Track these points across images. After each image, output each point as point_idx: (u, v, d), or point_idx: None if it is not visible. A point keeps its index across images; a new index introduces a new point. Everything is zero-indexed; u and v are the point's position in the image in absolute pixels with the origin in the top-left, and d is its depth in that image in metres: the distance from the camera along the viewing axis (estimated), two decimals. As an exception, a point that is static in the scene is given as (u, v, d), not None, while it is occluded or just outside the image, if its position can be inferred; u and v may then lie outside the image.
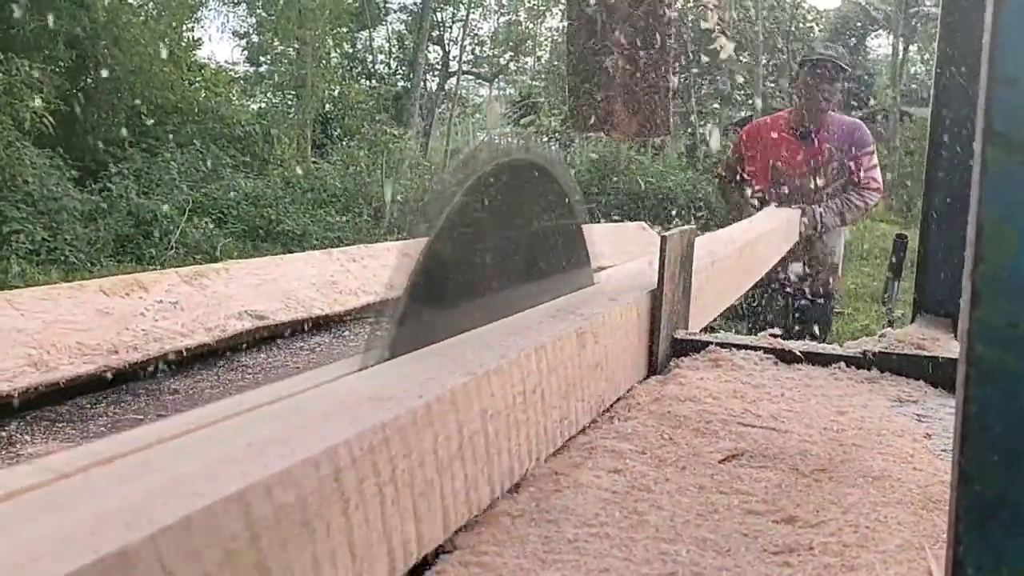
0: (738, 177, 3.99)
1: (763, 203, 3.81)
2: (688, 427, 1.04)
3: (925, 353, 1.30)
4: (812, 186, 3.77)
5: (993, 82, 0.36)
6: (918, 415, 1.15)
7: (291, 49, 16.66)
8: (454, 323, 0.89)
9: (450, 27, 22.35)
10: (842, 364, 1.33)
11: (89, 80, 12.07)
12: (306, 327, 1.46)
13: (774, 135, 3.86)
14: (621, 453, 0.94)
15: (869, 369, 1.31)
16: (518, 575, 0.67)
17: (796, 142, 3.82)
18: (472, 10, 22.18)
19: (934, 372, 1.26)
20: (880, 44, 23.13)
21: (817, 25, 20.93)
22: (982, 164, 0.38)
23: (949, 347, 1.32)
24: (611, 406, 1.13)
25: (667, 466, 0.92)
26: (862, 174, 3.73)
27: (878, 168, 3.78)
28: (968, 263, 0.41)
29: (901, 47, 18.17)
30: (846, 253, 4.21)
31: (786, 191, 3.80)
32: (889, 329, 1.40)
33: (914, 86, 22.20)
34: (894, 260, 1.66)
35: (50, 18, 10.90)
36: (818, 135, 3.81)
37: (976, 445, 0.42)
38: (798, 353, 1.35)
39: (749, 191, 3.89)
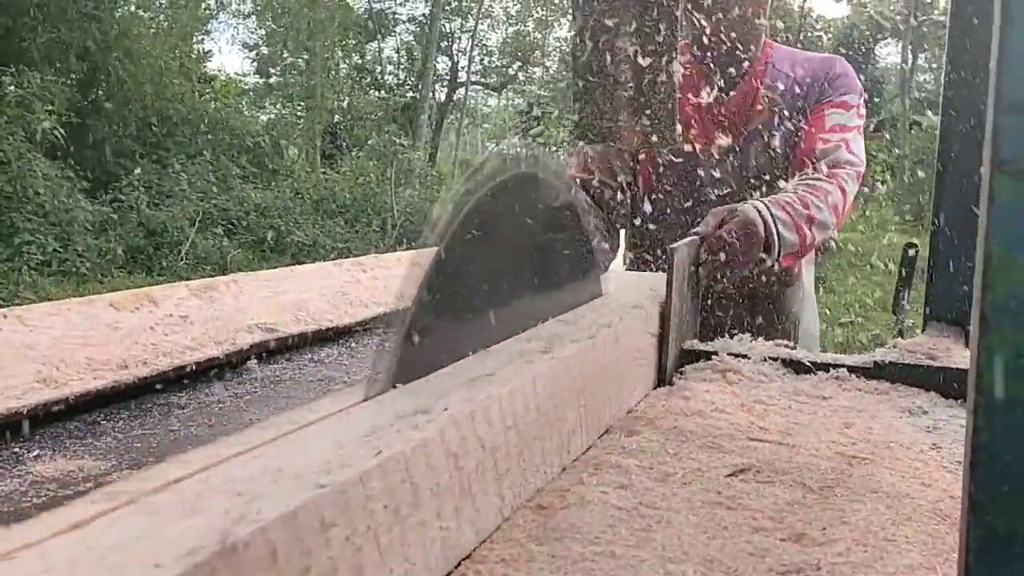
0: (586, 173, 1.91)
1: (628, 215, 2.00)
2: (695, 442, 1.03)
3: (936, 364, 1.29)
4: (729, 168, 1.94)
5: (1000, 109, 0.36)
6: (928, 427, 1.14)
7: (300, 60, 16.74)
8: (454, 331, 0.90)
9: (459, 38, 22.43)
10: (852, 375, 1.32)
11: (100, 92, 12.16)
12: (316, 339, 1.46)
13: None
14: (627, 469, 0.94)
15: (879, 380, 1.30)
16: (525, 594, 0.67)
17: (703, 83, 1.97)
18: (480, 21, 22.24)
19: (945, 383, 1.26)
20: (889, 52, 23.11)
21: (826, 34, 20.93)
22: (990, 193, 0.37)
23: (960, 357, 1.31)
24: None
25: (673, 482, 0.91)
26: (823, 139, 1.85)
27: (856, 135, 1.87)
28: (977, 292, 0.41)
29: (910, 56, 18.15)
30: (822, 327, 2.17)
31: (678, 183, 1.98)
32: (899, 339, 1.39)
33: (924, 95, 22.14)
34: (904, 270, 1.64)
35: (62, 31, 10.98)
36: (749, 75, 1.95)
37: (986, 475, 0.42)
38: (807, 363, 1.35)
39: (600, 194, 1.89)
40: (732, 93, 1.94)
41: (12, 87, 9.93)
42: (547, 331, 1.03)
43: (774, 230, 1.58)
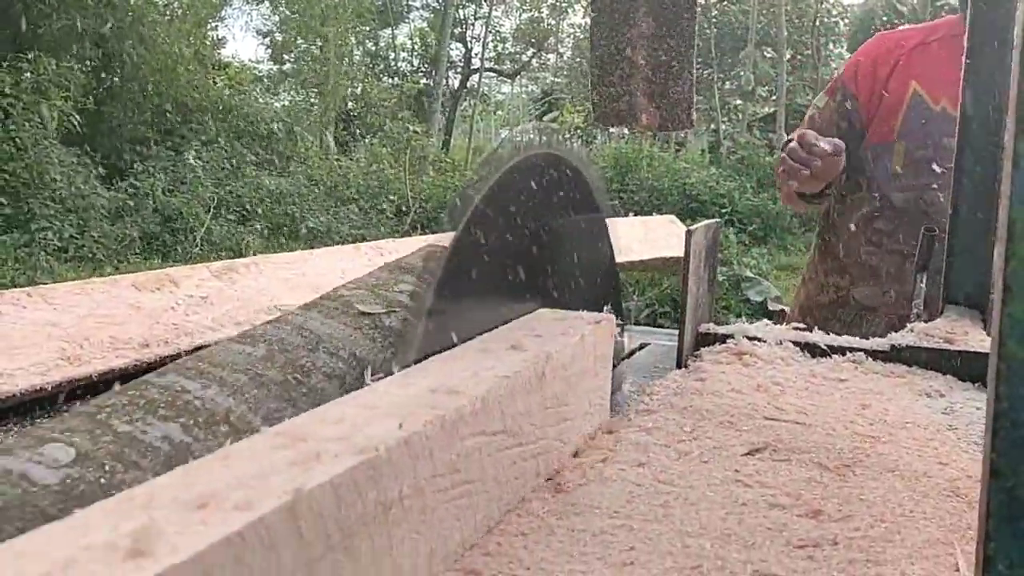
0: (841, 146, 1.85)
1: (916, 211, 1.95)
2: (712, 421, 1.04)
3: (953, 347, 1.29)
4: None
5: (1024, 74, 0.36)
6: (945, 409, 1.14)
7: (314, 47, 16.74)
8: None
9: (472, 24, 22.36)
10: (869, 358, 1.32)
11: (115, 79, 12.20)
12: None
13: (945, 51, 1.94)
14: (645, 447, 0.95)
15: (896, 363, 1.30)
16: (544, 567, 0.68)
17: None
18: (494, 7, 22.14)
19: (962, 366, 1.26)
20: (906, 38, 22.81)
21: (843, 20, 20.72)
22: (1014, 158, 0.38)
23: (977, 340, 1.31)
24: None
25: (691, 460, 0.92)
26: None
27: None
28: (999, 259, 0.41)
29: (927, 41, 17.95)
30: None
31: (929, 143, 1.93)
32: (917, 323, 1.39)
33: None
34: (922, 254, 1.63)
35: (77, 17, 11.02)
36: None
37: (1007, 441, 0.42)
38: (823, 347, 1.35)
39: (865, 180, 1.99)
40: None
41: (28, 73, 9.98)
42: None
43: None
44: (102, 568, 0.40)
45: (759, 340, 1.38)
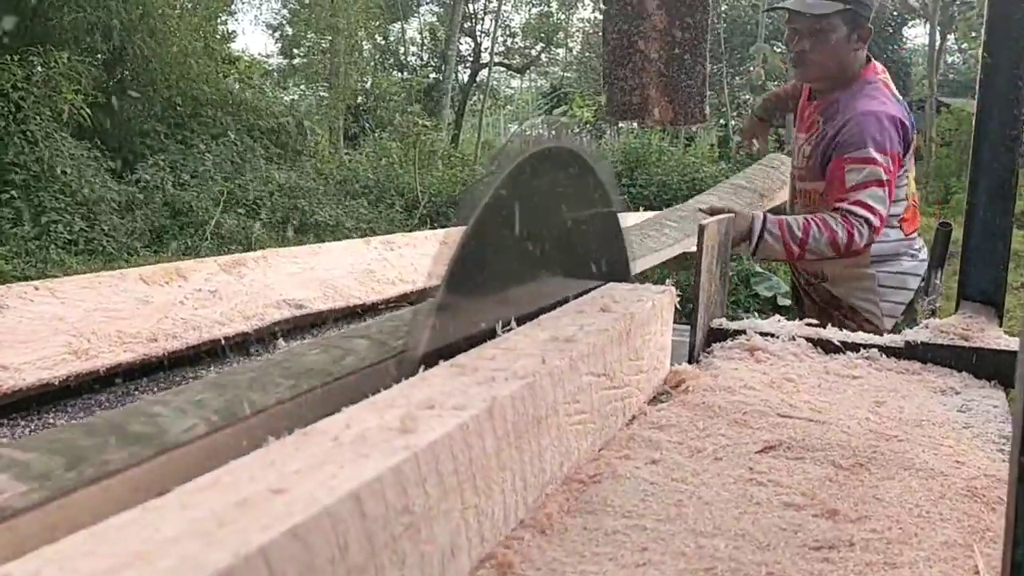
0: None
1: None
2: (724, 418, 1.03)
3: (968, 344, 1.27)
4: (794, 180, 2.49)
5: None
6: (960, 407, 1.12)
7: (324, 41, 16.71)
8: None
9: (482, 18, 22.29)
10: (883, 355, 1.30)
11: (126, 72, 12.20)
12: (344, 316, 1.46)
13: (803, 93, 2.58)
14: (658, 443, 0.94)
15: (911, 360, 1.29)
16: (555, 568, 0.67)
17: (804, 107, 2.50)
18: (504, 1, 22.07)
19: (978, 363, 1.24)
20: (917, 34, 22.74)
21: (853, 13, 20.49)
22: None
23: (993, 337, 1.29)
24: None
25: (704, 457, 0.91)
26: (845, 194, 2.07)
27: (877, 193, 2.01)
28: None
29: (938, 37, 17.82)
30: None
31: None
32: (933, 319, 1.38)
33: (952, 76, 21.79)
34: (937, 250, 1.62)
35: (87, 10, 11.02)
36: (819, 105, 2.36)
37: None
38: (837, 343, 1.33)
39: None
40: (810, 114, 2.41)
41: (39, 67, 9.98)
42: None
43: (758, 231, 2.04)
44: (387, 437, 0.58)
45: (771, 336, 1.36)
